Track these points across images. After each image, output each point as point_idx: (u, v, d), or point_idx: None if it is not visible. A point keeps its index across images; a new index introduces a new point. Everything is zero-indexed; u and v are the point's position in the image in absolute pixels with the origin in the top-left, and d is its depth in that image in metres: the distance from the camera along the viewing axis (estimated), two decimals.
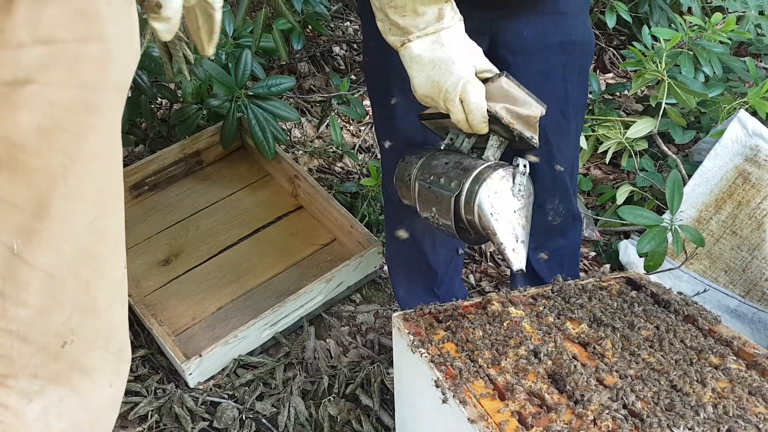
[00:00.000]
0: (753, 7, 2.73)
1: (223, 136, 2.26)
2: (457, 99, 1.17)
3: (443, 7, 1.14)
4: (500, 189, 1.18)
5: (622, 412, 1.02)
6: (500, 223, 1.17)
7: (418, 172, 1.31)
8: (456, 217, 1.22)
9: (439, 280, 1.74)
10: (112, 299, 0.88)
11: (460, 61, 1.16)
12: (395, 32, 1.18)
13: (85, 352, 0.84)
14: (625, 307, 1.32)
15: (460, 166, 1.23)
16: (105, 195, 0.80)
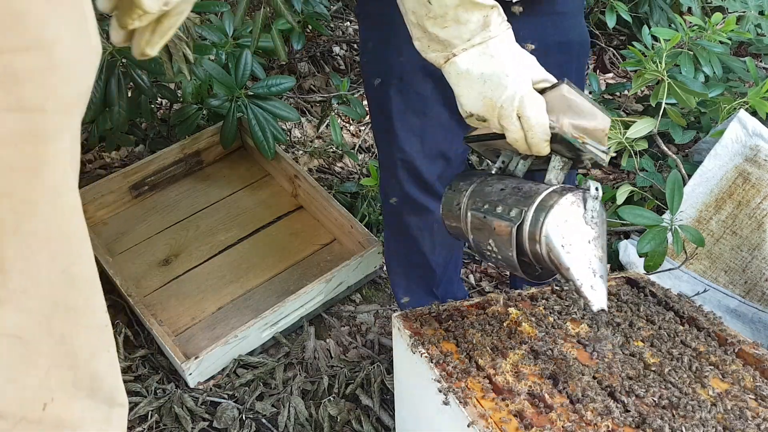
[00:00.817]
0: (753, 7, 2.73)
1: (223, 136, 2.26)
2: (514, 115, 1.03)
3: (489, 14, 1.03)
4: (570, 217, 1.01)
5: (622, 412, 1.02)
6: (573, 256, 1.00)
7: (470, 201, 1.15)
8: (518, 249, 1.05)
9: (437, 279, 1.74)
10: (93, 349, 0.77)
11: (515, 72, 1.04)
12: (436, 48, 1.07)
13: (69, 407, 0.75)
14: (625, 308, 1.32)
15: (520, 191, 1.08)
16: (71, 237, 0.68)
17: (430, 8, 1.02)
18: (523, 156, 1.15)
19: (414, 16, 1.06)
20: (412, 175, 1.55)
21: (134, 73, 2.06)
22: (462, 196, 1.17)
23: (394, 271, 1.79)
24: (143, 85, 2.11)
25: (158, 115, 2.68)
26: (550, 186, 1.05)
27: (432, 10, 1.02)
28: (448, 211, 1.21)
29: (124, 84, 2.06)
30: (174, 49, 1.51)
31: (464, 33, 1.03)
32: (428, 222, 1.62)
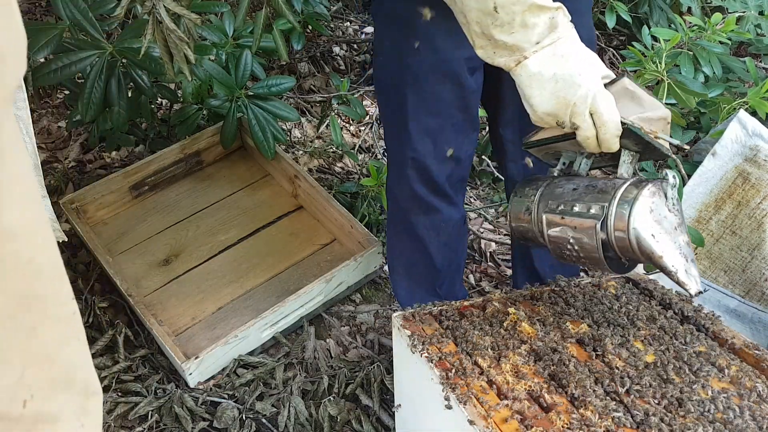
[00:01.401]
0: (753, 7, 2.73)
1: (223, 136, 2.26)
2: (587, 113, 1.05)
3: (555, 16, 1.05)
4: (654, 206, 1.03)
5: (622, 411, 1.02)
6: (663, 244, 1.02)
7: (541, 204, 1.16)
8: (603, 245, 1.07)
9: (441, 279, 1.74)
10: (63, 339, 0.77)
11: (586, 70, 1.06)
12: (503, 53, 1.07)
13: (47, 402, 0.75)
14: (624, 307, 1.32)
15: (595, 189, 1.09)
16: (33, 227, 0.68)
17: (497, 17, 1.03)
18: (587, 155, 1.16)
19: (478, 26, 1.06)
20: (422, 175, 1.55)
21: (134, 73, 2.06)
22: (531, 201, 1.18)
23: (396, 270, 1.79)
24: (143, 85, 2.12)
25: (158, 115, 2.68)
26: (625, 180, 1.07)
27: (499, 18, 1.03)
28: (517, 218, 1.22)
29: (124, 84, 2.06)
30: (175, 49, 1.51)
31: (532, 37, 1.05)
32: (435, 222, 1.63)
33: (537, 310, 1.30)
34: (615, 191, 1.05)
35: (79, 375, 0.81)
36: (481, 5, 1.04)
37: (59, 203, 2.12)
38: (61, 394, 0.77)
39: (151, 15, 1.46)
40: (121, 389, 1.78)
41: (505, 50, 1.07)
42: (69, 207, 2.13)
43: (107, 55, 2.01)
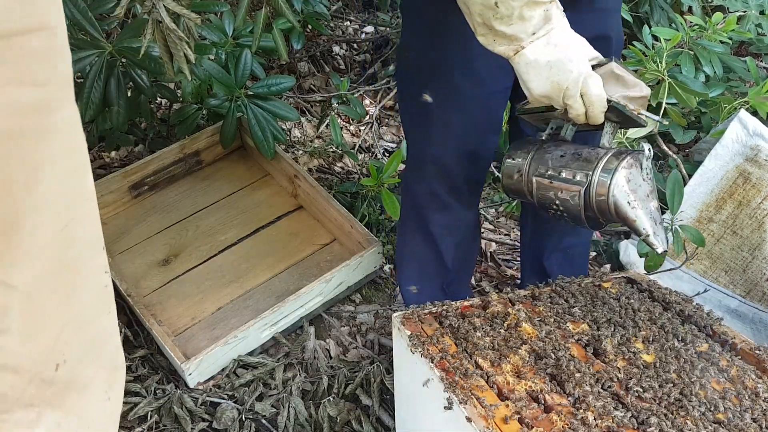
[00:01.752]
0: (754, 6, 2.72)
1: (223, 135, 2.26)
2: (578, 94, 1.17)
3: (549, 8, 1.14)
4: (631, 176, 1.18)
5: (623, 412, 1.02)
6: (638, 210, 1.17)
7: (531, 168, 1.31)
8: (586, 207, 1.22)
9: (450, 278, 1.74)
10: (97, 308, 0.82)
11: (576, 56, 1.16)
12: (502, 42, 1.17)
13: (78, 370, 0.79)
14: (625, 308, 1.31)
15: (580, 157, 1.24)
16: (72, 199, 0.74)
17: (497, 10, 1.12)
18: (573, 123, 1.29)
19: (480, 17, 1.16)
20: (441, 172, 1.56)
21: (134, 73, 2.06)
22: (523, 164, 1.33)
23: (405, 266, 1.79)
24: (143, 85, 2.11)
25: (158, 114, 2.67)
26: (607, 150, 1.22)
27: (499, 12, 1.13)
28: (509, 178, 1.37)
29: (124, 84, 2.06)
30: (175, 49, 1.51)
31: (528, 28, 1.15)
32: (449, 221, 1.64)
33: (537, 310, 1.30)
34: (598, 161, 1.20)
35: (108, 347, 0.85)
36: (484, 0, 1.12)
37: None
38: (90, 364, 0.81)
39: (150, 14, 1.46)
40: None
41: (504, 39, 1.17)
42: None
43: (106, 54, 2.00)
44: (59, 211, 0.72)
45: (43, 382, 0.75)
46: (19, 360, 0.72)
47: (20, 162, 0.67)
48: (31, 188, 0.68)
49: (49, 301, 0.73)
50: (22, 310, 0.70)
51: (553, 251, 1.77)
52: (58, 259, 0.73)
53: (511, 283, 2.23)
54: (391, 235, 2.32)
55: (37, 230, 0.70)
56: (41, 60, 0.67)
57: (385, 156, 2.76)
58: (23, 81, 0.66)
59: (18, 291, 0.70)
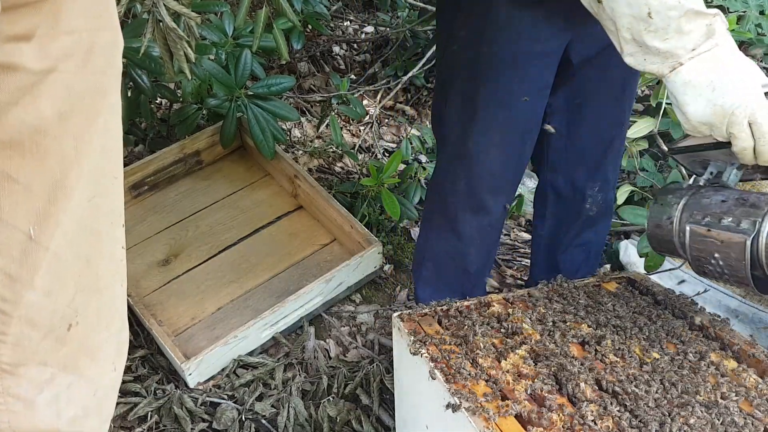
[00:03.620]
0: (754, 6, 2.72)
1: (223, 135, 2.25)
2: (745, 123, 1.02)
3: (712, 22, 1.02)
4: None
5: (622, 412, 1.02)
6: None
7: (685, 214, 1.12)
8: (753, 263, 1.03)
9: (472, 281, 1.73)
10: (111, 277, 0.89)
11: (746, 79, 1.03)
12: (655, 60, 1.06)
13: (90, 335, 0.85)
14: (625, 308, 1.31)
15: (746, 202, 1.04)
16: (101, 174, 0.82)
17: (651, 22, 1.01)
18: (738, 166, 1.12)
19: (629, 32, 1.05)
20: (482, 169, 1.52)
21: (134, 73, 2.06)
22: (673, 210, 1.14)
23: (425, 265, 1.75)
24: (143, 85, 2.11)
25: (158, 114, 2.67)
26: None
27: (653, 23, 1.01)
28: (656, 226, 1.17)
29: (124, 84, 2.06)
30: (175, 48, 1.51)
31: (688, 43, 1.03)
32: (481, 223, 1.61)
33: (537, 311, 1.30)
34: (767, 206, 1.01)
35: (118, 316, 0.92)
36: (635, 11, 1.02)
37: None
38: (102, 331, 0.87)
39: (150, 14, 1.45)
40: (121, 389, 1.76)
41: (657, 57, 1.05)
42: None
43: None
44: (91, 183, 0.80)
45: (56, 340, 0.79)
46: (37, 314, 0.77)
47: (74, 137, 0.75)
48: (80, 161, 0.77)
49: (71, 264, 0.79)
50: (48, 270, 0.76)
51: (569, 246, 1.75)
52: (84, 225, 0.80)
53: (511, 283, 2.23)
54: (391, 235, 2.32)
55: (74, 198, 0.77)
56: (105, 53, 0.78)
57: (385, 156, 2.76)
58: (89, 70, 0.76)
59: (49, 252, 0.76)
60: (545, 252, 1.81)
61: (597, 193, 1.65)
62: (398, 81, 2.87)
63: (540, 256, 1.84)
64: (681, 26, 1.01)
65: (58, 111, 0.73)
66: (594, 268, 1.79)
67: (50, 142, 0.73)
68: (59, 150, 0.74)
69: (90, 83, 0.76)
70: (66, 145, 0.75)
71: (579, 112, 1.54)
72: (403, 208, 2.18)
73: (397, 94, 3.09)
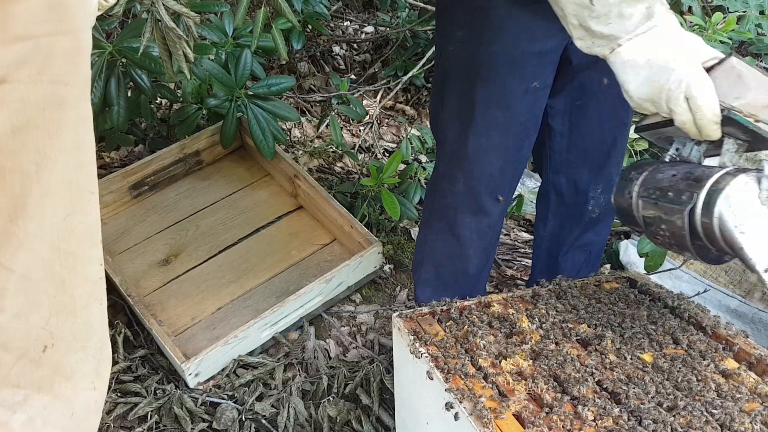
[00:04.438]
0: (753, 6, 2.72)
1: (223, 135, 2.26)
2: (681, 97, 1.04)
3: (651, 5, 1.06)
4: (744, 197, 1.01)
5: (622, 411, 1.02)
6: (748, 236, 1.00)
7: (641, 189, 1.17)
8: (692, 233, 1.06)
9: (472, 282, 1.72)
10: (88, 297, 0.85)
11: (681, 55, 1.05)
12: (600, 43, 1.10)
13: (66, 355, 0.82)
14: (625, 308, 1.31)
15: (692, 176, 1.08)
16: (75, 190, 0.78)
17: (593, 9, 1.06)
18: (697, 142, 1.14)
19: (576, 18, 1.09)
20: (481, 170, 1.52)
21: (134, 73, 2.06)
22: (633, 185, 1.19)
23: (425, 268, 1.75)
24: (143, 85, 2.11)
25: (158, 114, 2.67)
26: (722, 168, 1.05)
27: (595, 10, 1.06)
28: (620, 201, 1.23)
29: (124, 84, 2.06)
30: (174, 47, 1.51)
31: (628, 26, 1.07)
32: (481, 224, 1.61)
33: (538, 311, 1.30)
34: (708, 179, 1.04)
35: (96, 336, 0.87)
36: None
37: None
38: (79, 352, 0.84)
39: (150, 13, 1.45)
40: (121, 389, 1.78)
41: (602, 40, 1.09)
42: None
43: (107, 54, 2.00)
44: (64, 201, 0.76)
45: (30, 362, 0.77)
46: (10, 337, 0.75)
47: (35, 152, 0.71)
48: (41, 177, 0.73)
49: (43, 285, 0.77)
50: (17, 291, 0.74)
51: (571, 247, 1.75)
52: (57, 246, 0.77)
53: (511, 283, 2.23)
54: (391, 235, 2.32)
55: (42, 217, 0.74)
56: (65, 60, 0.72)
57: (385, 156, 2.76)
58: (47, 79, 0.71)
59: (16, 274, 0.73)
60: (546, 253, 1.81)
61: (599, 195, 1.64)
62: (398, 81, 2.87)
63: (541, 257, 1.84)
64: (622, 11, 1.05)
65: (11, 125, 0.69)
66: (595, 268, 1.79)
67: (5, 158, 0.69)
68: (17, 166, 0.70)
69: (49, 93, 0.72)
70: (25, 160, 0.71)
71: (581, 113, 1.54)
72: (403, 208, 2.19)
73: (397, 94, 3.09)
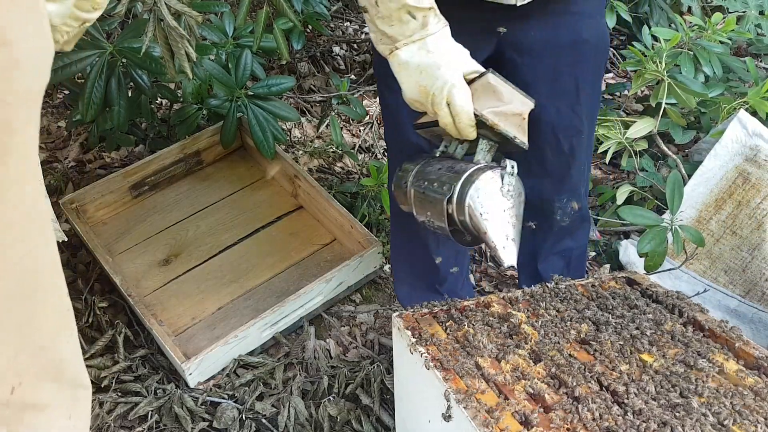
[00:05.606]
0: (753, 6, 2.72)
1: (223, 136, 2.26)
2: (443, 102, 1.19)
3: (427, 15, 1.17)
4: (489, 190, 1.20)
5: (622, 411, 1.02)
6: (490, 222, 1.20)
7: (414, 179, 1.34)
8: (449, 219, 1.24)
9: (442, 277, 1.74)
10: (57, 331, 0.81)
11: (446, 65, 1.19)
12: (385, 41, 1.21)
13: (36, 390, 0.79)
14: (625, 308, 1.32)
15: (452, 170, 1.26)
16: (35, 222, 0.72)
17: (378, 9, 1.17)
18: (460, 141, 1.30)
19: (368, 15, 1.20)
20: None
21: (134, 73, 2.06)
22: (408, 176, 1.36)
23: (398, 268, 1.80)
24: (143, 85, 2.11)
25: (158, 115, 2.68)
26: (477, 164, 1.24)
27: (380, 11, 1.17)
28: (398, 188, 1.39)
29: (124, 84, 2.06)
30: (176, 47, 1.51)
31: (406, 31, 1.18)
32: None
33: (537, 311, 1.30)
34: (463, 173, 1.22)
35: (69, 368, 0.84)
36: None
37: (59, 203, 2.12)
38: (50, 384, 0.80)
39: (152, 12, 1.46)
40: (121, 389, 1.78)
41: (386, 38, 1.20)
42: (69, 207, 2.13)
43: (107, 54, 2.00)
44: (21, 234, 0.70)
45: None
46: None
47: None
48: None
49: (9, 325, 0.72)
50: None
51: (549, 254, 1.74)
52: (17, 284, 0.71)
53: (511, 283, 2.23)
54: None
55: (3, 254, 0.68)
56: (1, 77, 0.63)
57: (385, 156, 2.76)
58: None
59: None
60: (526, 261, 1.79)
61: (566, 204, 1.63)
62: None
63: (523, 266, 1.82)
64: (401, 16, 1.16)
65: None
66: (579, 274, 1.77)
67: None
68: None
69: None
70: None
71: (532, 126, 1.52)
72: None
73: None
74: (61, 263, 0.82)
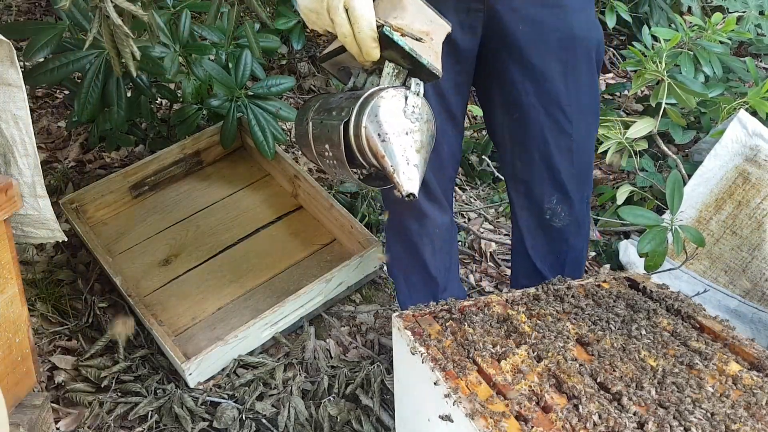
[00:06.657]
0: (753, 7, 2.73)
1: (223, 136, 2.26)
2: (341, 7, 1.07)
3: None
4: (389, 109, 1.08)
5: (622, 412, 1.02)
6: (389, 144, 1.07)
7: (313, 113, 1.22)
8: (348, 149, 1.10)
9: (440, 287, 1.71)
10: None
11: None
12: None
13: None
14: (625, 308, 1.32)
15: (353, 96, 1.14)
16: None
17: None
18: (369, 72, 1.19)
19: None
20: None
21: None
22: (309, 111, 1.24)
23: (396, 276, 1.77)
24: (142, 85, 2.11)
25: (158, 115, 2.68)
26: (378, 87, 1.11)
27: None
28: (298, 127, 1.27)
29: (124, 84, 2.06)
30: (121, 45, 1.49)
31: None
32: (427, 229, 1.60)
33: (537, 311, 1.30)
34: (363, 95, 1.09)
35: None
36: None
37: (59, 203, 2.12)
38: None
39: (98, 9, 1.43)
40: (121, 389, 1.78)
41: None
42: (69, 207, 2.13)
43: (105, 54, 2.00)
44: None
45: None
46: None
47: None
48: None
49: None
50: None
51: (547, 254, 1.69)
52: None
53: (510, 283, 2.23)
54: None
55: None
56: None
57: None
58: None
59: None
60: (522, 260, 1.73)
61: (555, 206, 1.57)
62: None
63: (518, 265, 1.77)
64: None
65: None
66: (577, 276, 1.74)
67: None
68: None
69: None
70: None
71: (519, 125, 1.48)
72: None
73: None
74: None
